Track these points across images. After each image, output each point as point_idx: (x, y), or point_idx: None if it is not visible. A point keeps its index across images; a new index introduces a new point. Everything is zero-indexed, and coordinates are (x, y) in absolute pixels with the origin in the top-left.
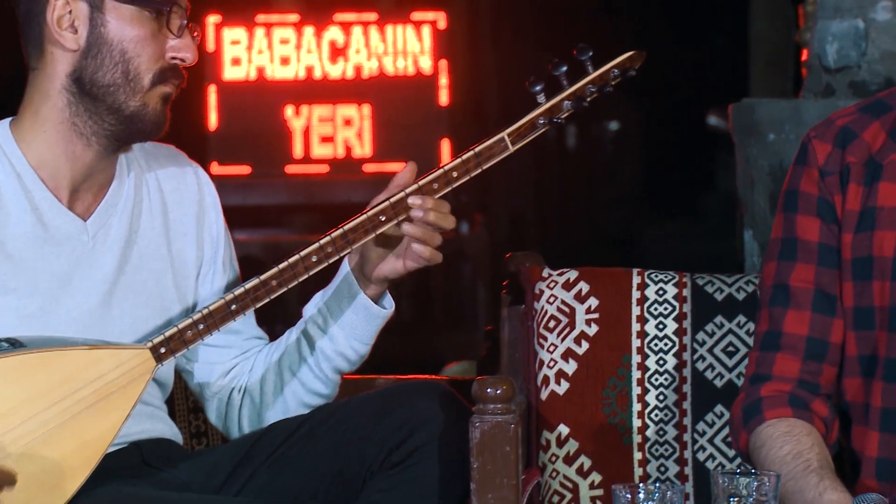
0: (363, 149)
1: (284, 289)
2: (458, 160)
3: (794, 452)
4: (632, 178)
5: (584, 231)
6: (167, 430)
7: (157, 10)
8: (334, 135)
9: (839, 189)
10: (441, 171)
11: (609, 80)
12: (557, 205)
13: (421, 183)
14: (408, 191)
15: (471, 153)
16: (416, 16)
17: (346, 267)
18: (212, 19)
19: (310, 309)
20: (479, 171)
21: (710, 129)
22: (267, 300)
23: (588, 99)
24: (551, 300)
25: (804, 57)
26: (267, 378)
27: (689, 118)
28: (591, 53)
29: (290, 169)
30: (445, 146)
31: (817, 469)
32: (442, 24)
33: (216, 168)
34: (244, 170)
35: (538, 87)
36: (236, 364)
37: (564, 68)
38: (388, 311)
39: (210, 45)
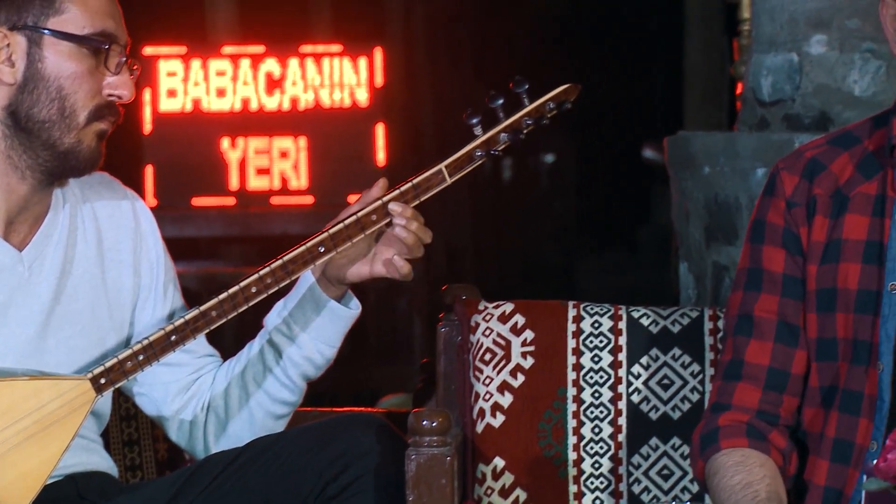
0: (299, 180)
1: (224, 319)
2: (397, 191)
3: (745, 483)
4: (567, 210)
5: (519, 263)
6: (103, 463)
7: (96, 48)
8: (270, 167)
9: (805, 220)
10: (379, 202)
11: (545, 113)
12: (493, 237)
13: (360, 214)
14: (346, 222)
15: (409, 185)
16: (352, 48)
17: (310, 277)
18: (148, 50)
19: (272, 319)
20: (417, 202)
21: (645, 161)
22: (206, 330)
23: (525, 131)
24: (487, 333)
25: (739, 90)
26: (231, 392)
27: (625, 151)
28: (527, 86)
29: (226, 200)
30: (382, 178)
31: (764, 500)
32: (378, 56)
33: (151, 199)
34: (181, 201)
35: (475, 120)
36: (194, 381)
37: (501, 101)
38: (354, 311)
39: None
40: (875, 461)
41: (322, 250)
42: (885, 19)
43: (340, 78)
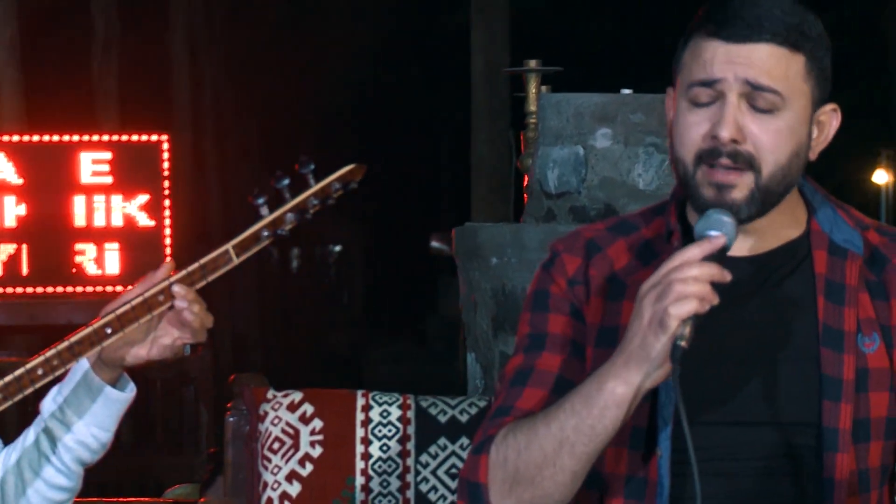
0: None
1: (9, 402)
2: (184, 272)
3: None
4: (355, 300)
5: (308, 353)
6: None
7: None
8: None
9: (585, 299)
10: (166, 283)
11: (331, 193)
12: (281, 326)
13: (146, 295)
14: (133, 303)
15: (196, 265)
16: (139, 137)
17: (84, 362)
18: None
19: (47, 405)
20: (205, 282)
21: (432, 252)
22: None
23: (311, 211)
24: (276, 421)
25: (526, 182)
26: (7, 481)
27: (412, 241)
28: (313, 167)
29: (10, 290)
30: (168, 259)
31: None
32: (165, 145)
33: None
34: None
35: (261, 200)
36: None
37: (287, 181)
38: (129, 394)
39: None
40: None
41: (109, 332)
42: (670, 111)
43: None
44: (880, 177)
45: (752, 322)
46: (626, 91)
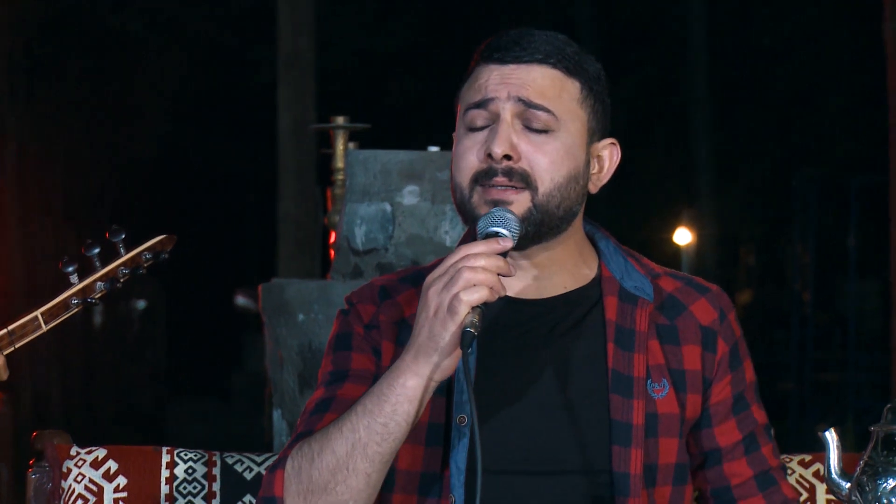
0: None
1: None
2: None
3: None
4: (159, 356)
5: (111, 409)
6: None
7: None
8: None
9: (380, 343)
10: None
11: (141, 263)
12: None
13: None
14: None
15: (4, 331)
16: None
17: None
18: None
19: None
20: (12, 349)
21: (238, 309)
22: None
23: (121, 280)
24: (79, 479)
25: (332, 239)
26: None
27: (218, 297)
28: (123, 235)
29: None
30: None
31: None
32: None
33: None
34: None
35: (71, 268)
36: None
37: (97, 249)
38: None
39: None
40: None
41: None
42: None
43: None
44: (682, 236)
45: (542, 368)
46: (434, 148)
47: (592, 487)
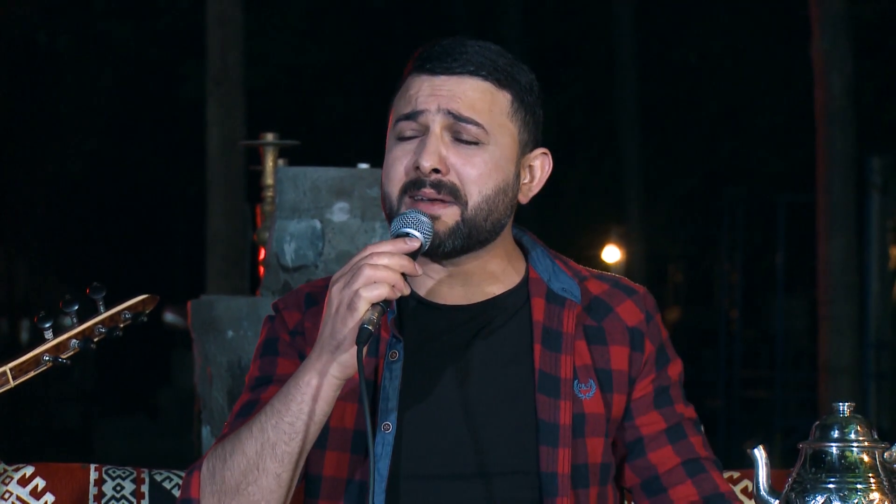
0: None
1: None
2: None
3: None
4: (86, 373)
5: (38, 426)
6: None
7: None
8: None
9: (305, 349)
10: None
11: (119, 322)
12: (10, 400)
13: None
14: None
15: None
16: None
17: None
18: None
19: None
20: None
21: (167, 325)
22: None
23: (96, 339)
24: (7, 496)
25: (262, 255)
26: None
27: (146, 314)
28: (104, 293)
29: None
30: None
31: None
32: None
33: None
34: None
35: (47, 324)
36: None
37: (76, 306)
38: None
39: None
40: None
41: None
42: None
43: None
44: (610, 254)
45: (468, 371)
46: (363, 165)
47: (520, 489)
